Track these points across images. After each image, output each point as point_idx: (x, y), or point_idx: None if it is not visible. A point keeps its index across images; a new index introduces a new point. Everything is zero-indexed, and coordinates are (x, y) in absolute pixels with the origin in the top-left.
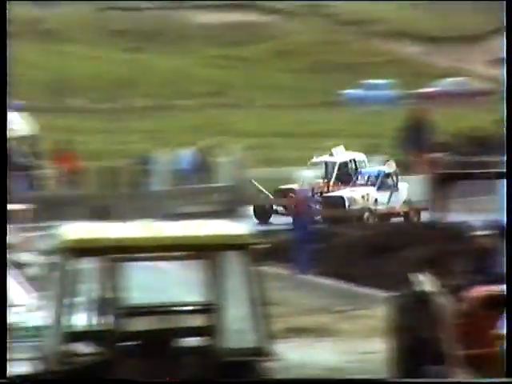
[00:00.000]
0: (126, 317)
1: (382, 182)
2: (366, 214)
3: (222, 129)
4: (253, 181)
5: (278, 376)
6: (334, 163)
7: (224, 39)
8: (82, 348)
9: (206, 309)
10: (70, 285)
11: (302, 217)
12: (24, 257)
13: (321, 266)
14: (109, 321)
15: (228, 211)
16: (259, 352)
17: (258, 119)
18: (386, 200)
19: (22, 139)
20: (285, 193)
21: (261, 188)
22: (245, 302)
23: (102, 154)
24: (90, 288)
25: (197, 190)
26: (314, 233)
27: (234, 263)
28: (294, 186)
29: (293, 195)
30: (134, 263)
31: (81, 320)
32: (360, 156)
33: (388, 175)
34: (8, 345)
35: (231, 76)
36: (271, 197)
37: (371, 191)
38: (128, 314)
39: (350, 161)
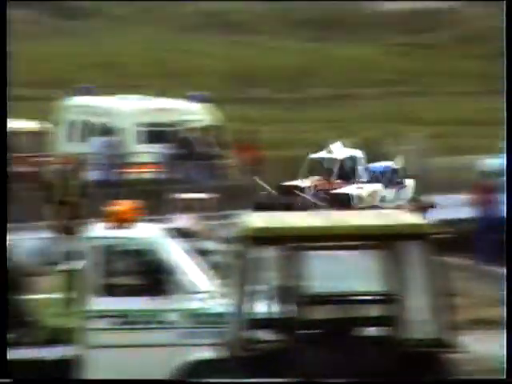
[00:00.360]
0: (307, 305)
1: (389, 179)
2: None
3: (402, 117)
4: (256, 178)
5: (461, 368)
6: (336, 160)
7: (406, 27)
8: (263, 335)
9: (386, 299)
10: (252, 273)
11: (487, 207)
12: (208, 245)
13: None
14: (289, 309)
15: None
16: (441, 343)
17: (439, 107)
18: (393, 197)
19: (206, 129)
20: (288, 189)
21: (265, 186)
22: (426, 292)
23: (282, 144)
24: (270, 276)
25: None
26: (499, 222)
27: (414, 253)
28: (298, 183)
29: (297, 192)
30: (314, 252)
31: (262, 307)
32: (358, 152)
33: (395, 171)
34: (188, 331)
35: (413, 64)
36: (274, 193)
37: (378, 188)
38: (308, 302)
39: (349, 157)
